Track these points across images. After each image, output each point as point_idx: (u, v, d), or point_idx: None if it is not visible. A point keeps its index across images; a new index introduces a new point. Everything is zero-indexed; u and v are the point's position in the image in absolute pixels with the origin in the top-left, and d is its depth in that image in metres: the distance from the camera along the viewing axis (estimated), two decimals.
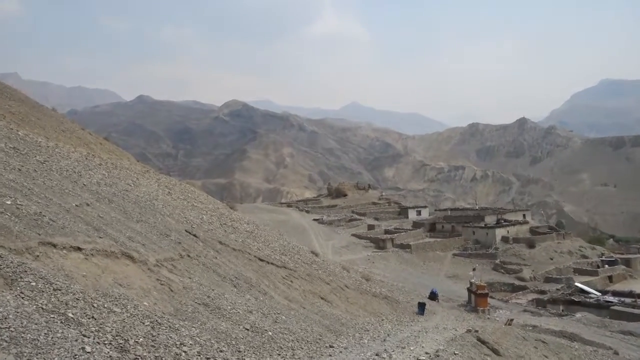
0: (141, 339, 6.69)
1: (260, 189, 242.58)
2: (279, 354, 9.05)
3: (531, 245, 59.50)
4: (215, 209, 24.17)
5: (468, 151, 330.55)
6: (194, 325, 8.34)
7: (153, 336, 6.97)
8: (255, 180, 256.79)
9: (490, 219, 67.86)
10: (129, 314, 7.32)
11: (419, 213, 79.48)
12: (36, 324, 5.83)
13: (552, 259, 56.86)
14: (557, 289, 45.70)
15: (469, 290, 34.83)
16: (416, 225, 69.56)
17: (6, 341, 5.25)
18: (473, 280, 35.30)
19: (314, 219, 70.83)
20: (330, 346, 11.15)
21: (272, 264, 17.94)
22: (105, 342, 6.20)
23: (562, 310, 37.08)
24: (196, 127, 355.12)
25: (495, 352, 13.91)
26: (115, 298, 7.77)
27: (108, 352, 5.95)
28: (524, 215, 73.74)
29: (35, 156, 15.77)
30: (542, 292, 44.97)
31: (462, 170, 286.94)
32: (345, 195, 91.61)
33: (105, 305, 7.23)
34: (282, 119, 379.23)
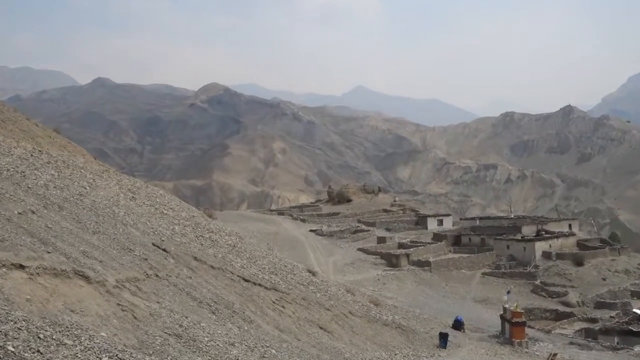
0: None
1: (245, 192, 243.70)
2: None
3: (579, 262, 59.63)
4: (189, 218, 24.52)
5: (501, 146, 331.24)
6: None
7: None
8: (238, 181, 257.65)
9: (528, 230, 68.34)
10: (82, 347, 7.24)
11: (440, 223, 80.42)
12: None
13: (604, 280, 57.00)
14: (611, 317, 45.77)
15: (502, 317, 35.16)
16: (437, 237, 70.17)
17: None
18: (507, 306, 35.43)
19: (311, 230, 71.82)
20: None
21: (259, 285, 18.31)
22: None
23: (617, 343, 37.07)
24: (167, 117, 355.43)
25: None
26: (67, 327, 7.71)
27: None
28: (569, 226, 74.05)
29: None
30: (593, 321, 45.06)
31: (494, 170, 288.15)
32: (349, 200, 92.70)
33: (54, 337, 7.17)
34: (271, 106, 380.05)
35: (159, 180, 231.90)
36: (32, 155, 20.22)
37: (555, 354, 27.99)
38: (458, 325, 33.48)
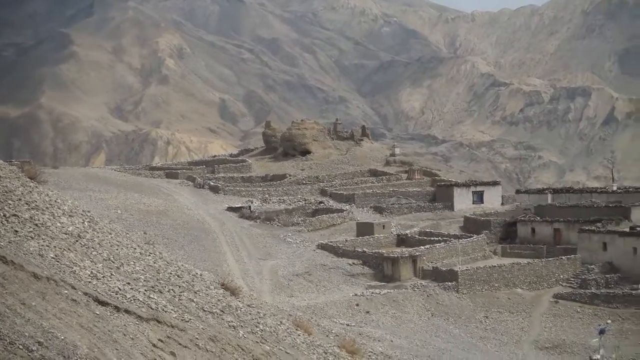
0: None
1: (102, 132, 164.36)
2: None
3: None
4: None
5: (600, 53, 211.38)
6: None
7: None
8: (90, 111, 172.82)
9: None
10: None
11: (479, 198, 59.96)
12: None
13: None
14: None
15: None
16: (472, 226, 53.21)
17: None
18: (598, 357, 29.45)
19: (231, 208, 56.45)
20: None
21: (127, 312, 12.34)
22: None
23: None
24: None
25: None
26: None
27: None
28: None
29: None
30: None
31: (584, 99, 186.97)
32: (306, 152, 72.10)
33: None
34: None
35: None
36: None
37: None
38: None
